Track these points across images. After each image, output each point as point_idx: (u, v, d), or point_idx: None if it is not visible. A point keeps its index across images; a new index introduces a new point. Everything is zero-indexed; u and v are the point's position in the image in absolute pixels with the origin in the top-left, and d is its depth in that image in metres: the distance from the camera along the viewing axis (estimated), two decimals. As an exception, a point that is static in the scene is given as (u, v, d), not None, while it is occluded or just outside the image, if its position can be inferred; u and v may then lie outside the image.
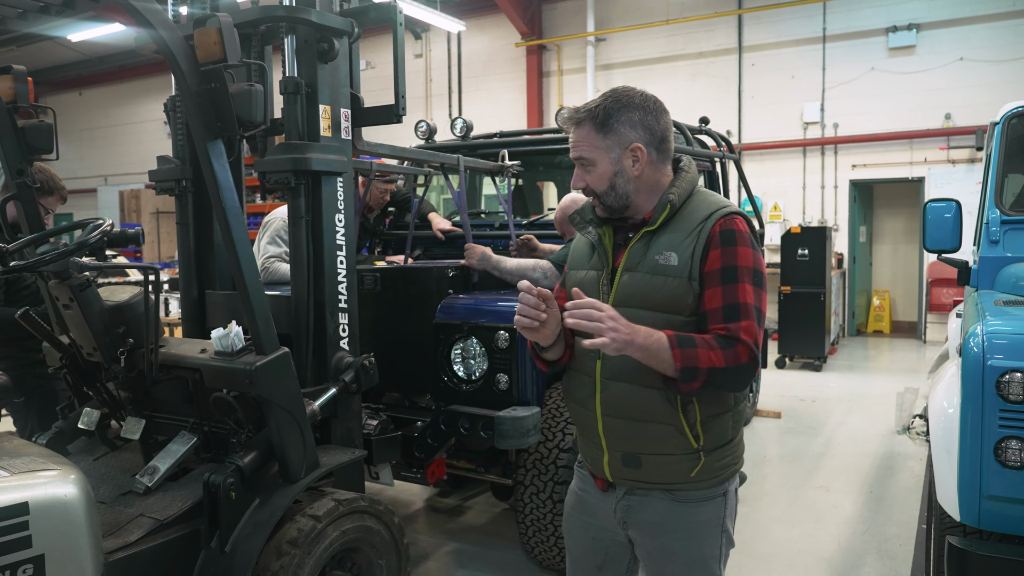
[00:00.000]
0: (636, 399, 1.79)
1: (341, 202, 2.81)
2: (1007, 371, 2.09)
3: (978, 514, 2.14)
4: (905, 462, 5.34)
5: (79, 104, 19.03)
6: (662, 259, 1.77)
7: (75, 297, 2.45)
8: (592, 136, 1.81)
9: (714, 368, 1.66)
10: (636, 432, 1.80)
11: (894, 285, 12.37)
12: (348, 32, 2.77)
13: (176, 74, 2.29)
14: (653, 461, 1.81)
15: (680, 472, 1.80)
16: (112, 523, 2.31)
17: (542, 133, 5.11)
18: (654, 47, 12.37)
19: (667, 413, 1.76)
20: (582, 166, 1.85)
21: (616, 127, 1.81)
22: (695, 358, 1.66)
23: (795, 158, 11.64)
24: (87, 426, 2.85)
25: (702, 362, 1.66)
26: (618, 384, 1.81)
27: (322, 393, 2.69)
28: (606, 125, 1.80)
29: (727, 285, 1.72)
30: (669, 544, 1.85)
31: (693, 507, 1.83)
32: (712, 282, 1.73)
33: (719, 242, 1.74)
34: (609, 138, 1.80)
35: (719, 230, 1.75)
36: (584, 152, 1.82)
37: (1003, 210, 3.33)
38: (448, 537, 4.10)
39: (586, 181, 1.84)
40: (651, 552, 1.88)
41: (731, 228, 1.76)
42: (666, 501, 1.83)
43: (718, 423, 1.80)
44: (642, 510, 1.86)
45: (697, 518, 1.83)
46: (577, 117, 1.83)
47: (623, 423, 1.82)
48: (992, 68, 10.22)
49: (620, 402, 1.81)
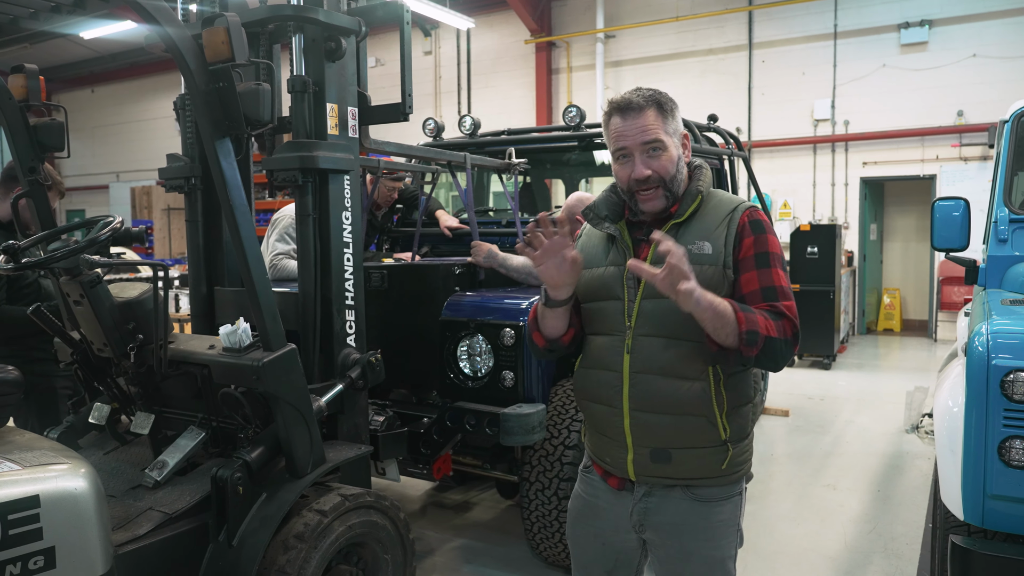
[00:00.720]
0: (670, 391, 1.79)
1: (348, 200, 2.83)
2: (1012, 371, 2.08)
3: (982, 513, 2.14)
4: (913, 461, 5.32)
5: (91, 101, 19.15)
6: (695, 248, 1.79)
7: (86, 293, 2.48)
8: (660, 120, 1.83)
9: (771, 337, 1.71)
10: (668, 425, 1.81)
11: (905, 283, 12.30)
12: (355, 31, 2.79)
13: (185, 73, 2.31)
14: (683, 455, 1.82)
15: (709, 466, 1.82)
16: (122, 516, 2.34)
17: (550, 131, 5.11)
18: (664, 44, 12.33)
19: (702, 404, 1.78)
20: (651, 151, 1.82)
21: (676, 114, 1.87)
22: (756, 324, 1.70)
23: (805, 155, 11.59)
24: (97, 421, 2.89)
25: (762, 328, 1.70)
26: (650, 377, 1.81)
27: (329, 389, 2.71)
28: (664, 110, 1.84)
29: (762, 269, 1.78)
30: (688, 544, 1.86)
31: (713, 506, 1.85)
32: (747, 267, 1.79)
33: (750, 230, 1.81)
34: (669, 124, 1.85)
35: (748, 220, 1.82)
36: (659, 135, 1.82)
37: (1012, 209, 3.32)
38: (454, 533, 4.12)
39: (652, 168, 1.82)
40: (669, 554, 1.89)
41: (758, 219, 1.83)
42: (687, 501, 1.84)
43: (740, 415, 1.85)
44: (661, 512, 1.87)
45: (717, 517, 1.85)
46: (639, 102, 1.82)
47: (654, 417, 1.81)
48: (1005, 64, 10.14)
49: (652, 396, 1.81)
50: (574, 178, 5.55)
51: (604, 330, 1.90)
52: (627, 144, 1.83)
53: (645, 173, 1.81)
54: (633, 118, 1.82)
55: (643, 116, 1.81)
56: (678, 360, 1.77)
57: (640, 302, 1.82)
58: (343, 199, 2.81)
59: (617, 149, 1.86)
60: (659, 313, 1.80)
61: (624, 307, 1.85)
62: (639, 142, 1.82)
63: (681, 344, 1.78)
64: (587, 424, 2.02)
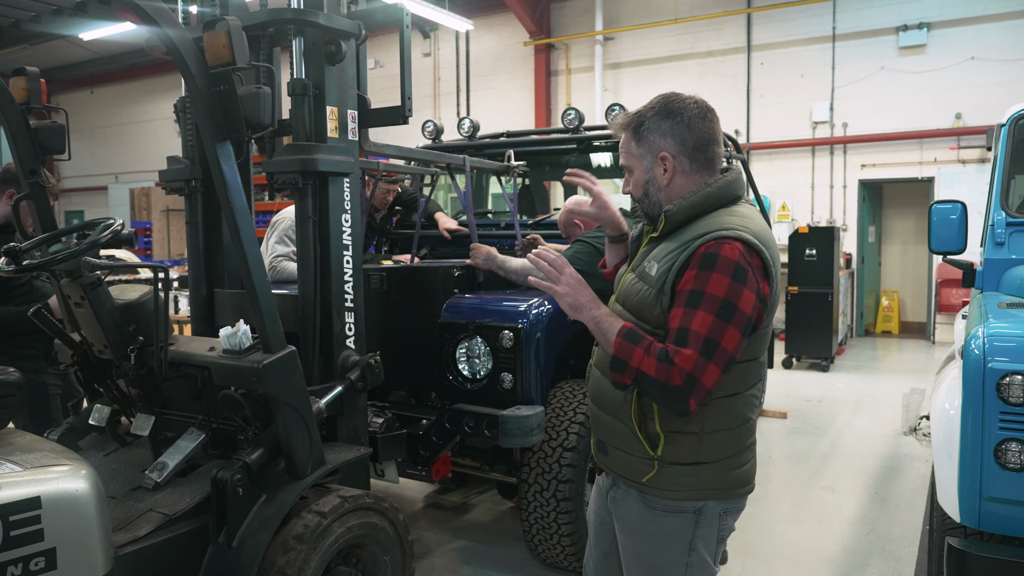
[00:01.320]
0: (607, 391, 1.89)
1: (348, 202, 2.84)
2: (1008, 373, 2.10)
3: (978, 515, 2.15)
4: (911, 463, 5.34)
5: (91, 102, 19.15)
6: (647, 266, 1.83)
7: (86, 295, 2.49)
8: (628, 143, 1.90)
9: (642, 372, 1.67)
10: (605, 422, 1.93)
11: (903, 285, 12.32)
12: (355, 34, 2.80)
13: (186, 76, 2.32)
14: (616, 453, 1.91)
15: (635, 471, 1.86)
16: (122, 517, 2.35)
17: (549, 133, 5.12)
18: (663, 46, 12.36)
19: (622, 411, 1.84)
20: (627, 172, 1.94)
21: (647, 135, 1.85)
22: (630, 353, 1.69)
23: (804, 157, 11.62)
24: (98, 422, 2.89)
25: (634, 360, 1.68)
26: (599, 373, 1.94)
27: (328, 391, 2.72)
28: (638, 133, 1.87)
29: (686, 309, 1.68)
30: (634, 544, 1.91)
31: (659, 515, 1.85)
32: (678, 302, 1.71)
33: (697, 264, 1.69)
34: (641, 146, 1.87)
35: (703, 252, 1.69)
36: (623, 159, 1.93)
37: (1009, 212, 3.33)
38: (453, 534, 4.13)
39: (626, 189, 1.95)
40: (623, 547, 1.96)
41: (715, 252, 1.68)
42: (638, 502, 1.88)
43: (684, 441, 1.78)
44: (622, 505, 1.93)
45: (662, 527, 1.85)
46: (620, 124, 1.92)
47: (596, 410, 1.97)
48: (1003, 67, 10.16)
49: (598, 390, 1.95)
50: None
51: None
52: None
53: (625, 191, 1.97)
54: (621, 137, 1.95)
55: (622, 137, 1.92)
56: None
57: (614, 304, 1.96)
58: (343, 202, 2.82)
59: None
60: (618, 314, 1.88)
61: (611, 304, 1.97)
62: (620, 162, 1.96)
63: None
64: None
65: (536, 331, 3.19)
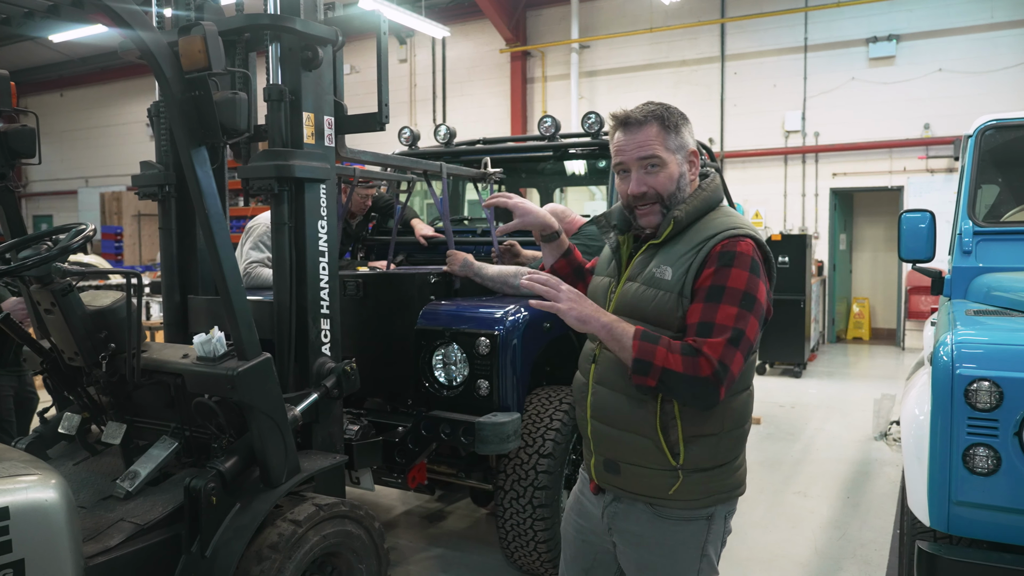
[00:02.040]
0: (619, 407, 1.82)
1: (324, 209, 2.83)
2: (975, 380, 2.13)
3: (947, 519, 2.18)
4: (882, 468, 5.41)
5: (60, 105, 18.88)
6: (658, 272, 1.79)
7: (57, 302, 2.45)
8: (661, 136, 1.81)
9: (668, 370, 1.65)
10: (617, 439, 1.84)
11: (873, 292, 12.51)
12: (332, 40, 2.79)
13: (160, 81, 2.30)
14: (631, 471, 1.83)
15: (657, 487, 1.81)
16: (92, 528, 2.31)
17: (525, 140, 5.14)
18: (638, 55, 12.46)
19: (646, 426, 1.77)
20: (648, 167, 1.81)
21: (681, 130, 1.83)
22: (652, 353, 1.66)
23: (776, 166, 11.76)
24: (68, 430, 2.85)
25: (658, 359, 1.66)
26: (604, 389, 1.85)
27: (304, 398, 2.70)
28: (674, 127, 1.82)
29: (708, 303, 1.71)
30: (646, 557, 1.87)
31: (672, 525, 1.83)
32: (698, 298, 1.73)
33: (715, 261, 1.73)
34: (673, 139, 1.82)
35: (719, 250, 1.74)
36: (657, 151, 1.80)
37: (976, 221, 3.40)
38: (429, 542, 4.11)
39: (648, 184, 1.81)
40: (630, 561, 1.91)
41: (732, 250, 1.73)
42: (648, 514, 1.85)
43: (704, 444, 1.79)
44: (626, 519, 1.89)
45: (676, 537, 1.84)
46: (638, 117, 1.82)
47: (606, 428, 1.86)
48: (970, 79, 10.38)
49: (605, 408, 1.85)
50: (549, 187, 5.58)
51: (588, 337, 1.96)
52: (624, 159, 1.84)
53: (640, 190, 1.82)
54: (633, 133, 1.82)
55: (642, 131, 1.81)
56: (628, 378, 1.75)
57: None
58: (319, 208, 2.81)
59: (617, 164, 1.87)
60: None
61: None
62: (635, 157, 1.82)
63: None
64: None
65: (512, 338, 3.20)
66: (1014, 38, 10.22)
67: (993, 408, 2.11)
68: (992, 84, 10.25)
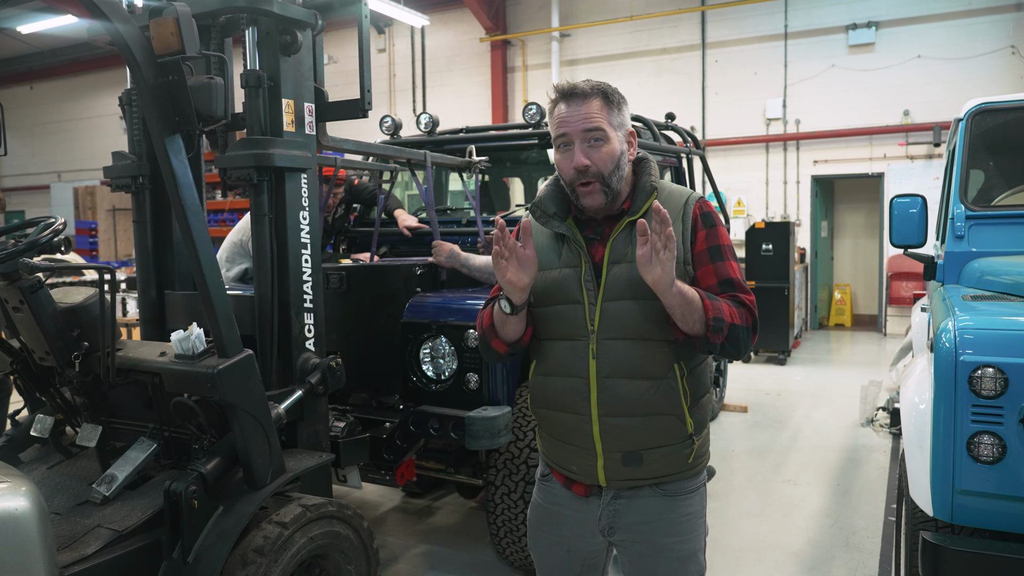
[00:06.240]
0: (639, 393, 1.76)
1: (306, 199, 2.74)
2: (979, 366, 2.09)
3: (951, 509, 2.14)
4: (870, 454, 5.41)
5: (30, 98, 18.48)
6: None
7: (26, 299, 2.35)
8: (605, 111, 1.76)
9: (735, 325, 1.71)
10: (639, 428, 1.78)
11: (855, 279, 12.57)
12: (312, 24, 2.70)
13: (132, 66, 2.20)
14: (654, 455, 1.80)
15: (677, 461, 1.82)
16: (67, 535, 2.22)
17: (508, 128, 5.06)
18: (619, 43, 12.39)
19: (670, 402, 1.78)
20: (592, 140, 1.74)
21: (623, 108, 1.81)
22: (722, 311, 1.70)
23: (758, 154, 11.76)
24: (40, 433, 2.76)
25: (727, 316, 1.70)
26: (619, 381, 1.77)
27: (287, 396, 2.62)
28: (616, 104, 1.79)
29: (717, 263, 1.80)
30: (660, 541, 1.84)
31: (681, 500, 1.85)
32: (703, 261, 1.80)
33: (702, 224, 1.81)
34: (616, 116, 1.78)
35: (699, 213, 1.82)
36: (602, 124, 1.74)
37: (968, 205, 3.37)
38: (418, 539, 4.04)
39: (590, 158, 1.74)
40: (641, 552, 1.86)
41: (708, 211, 1.84)
42: (656, 498, 1.83)
43: (701, 407, 1.86)
44: (631, 512, 1.84)
45: (686, 511, 1.86)
46: (584, 89, 1.76)
47: (625, 421, 1.78)
48: (948, 66, 10.42)
49: (622, 399, 1.77)
50: (532, 176, 5.50)
51: (565, 335, 1.83)
52: (568, 131, 1.76)
53: (583, 162, 1.73)
54: (577, 105, 1.75)
55: (587, 104, 1.75)
56: (644, 360, 1.75)
57: (601, 304, 1.77)
58: (300, 198, 2.72)
59: (559, 136, 1.78)
60: (621, 314, 1.75)
61: (585, 310, 1.78)
62: (580, 129, 1.75)
63: (646, 344, 1.76)
64: (546, 432, 1.95)
65: (502, 330, 3.12)
66: (991, 24, 10.26)
67: (998, 395, 2.07)
68: (970, 70, 10.29)
